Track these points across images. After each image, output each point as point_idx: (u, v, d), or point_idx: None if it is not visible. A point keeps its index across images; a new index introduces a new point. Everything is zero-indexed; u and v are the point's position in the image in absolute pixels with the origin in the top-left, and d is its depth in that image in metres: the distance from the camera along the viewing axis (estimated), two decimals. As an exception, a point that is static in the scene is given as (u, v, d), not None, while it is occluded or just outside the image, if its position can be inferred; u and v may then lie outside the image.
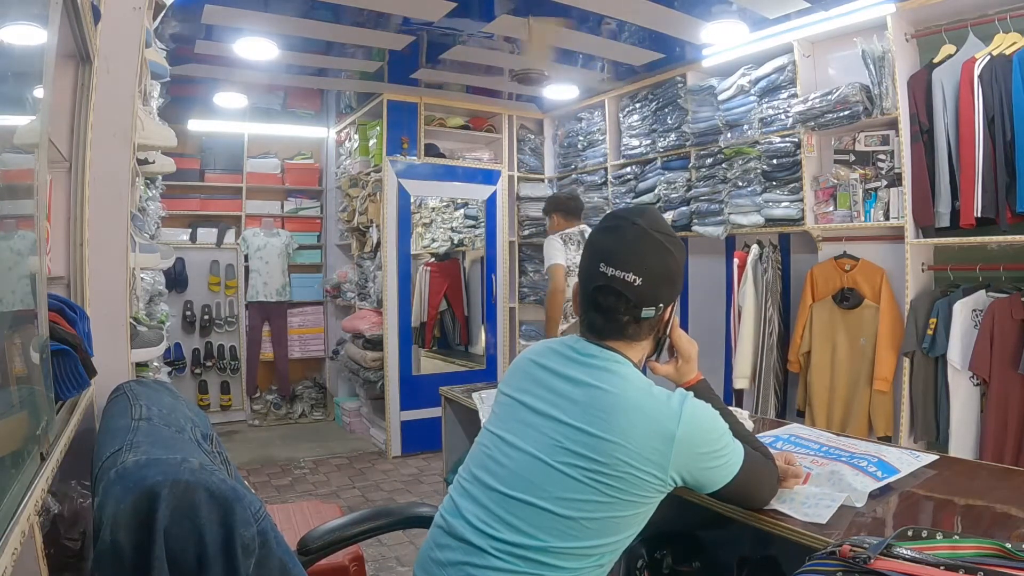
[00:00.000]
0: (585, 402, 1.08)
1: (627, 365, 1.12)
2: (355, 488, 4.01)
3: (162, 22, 2.72)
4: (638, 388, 1.08)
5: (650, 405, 1.06)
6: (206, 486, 0.91)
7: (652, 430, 1.03)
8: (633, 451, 1.02)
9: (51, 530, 1.25)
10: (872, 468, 1.31)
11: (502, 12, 3.28)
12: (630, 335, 1.13)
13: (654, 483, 1.04)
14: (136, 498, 0.87)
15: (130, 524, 0.87)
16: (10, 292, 0.94)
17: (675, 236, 1.16)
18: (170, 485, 0.89)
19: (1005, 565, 0.74)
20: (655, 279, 1.10)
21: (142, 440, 1.04)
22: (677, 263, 1.14)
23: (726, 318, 3.68)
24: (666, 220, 1.25)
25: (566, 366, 1.14)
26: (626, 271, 1.09)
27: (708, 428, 1.08)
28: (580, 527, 1.04)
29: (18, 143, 1.00)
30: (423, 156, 4.71)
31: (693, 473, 1.07)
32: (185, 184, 5.20)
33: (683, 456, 1.04)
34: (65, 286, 1.64)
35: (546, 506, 1.04)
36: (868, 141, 3.03)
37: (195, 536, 0.89)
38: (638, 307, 1.10)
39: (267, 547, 0.95)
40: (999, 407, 2.49)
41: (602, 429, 1.04)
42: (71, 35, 1.45)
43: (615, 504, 1.04)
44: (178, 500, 0.89)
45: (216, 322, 5.44)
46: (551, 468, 1.05)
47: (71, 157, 1.64)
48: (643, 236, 1.11)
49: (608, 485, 1.03)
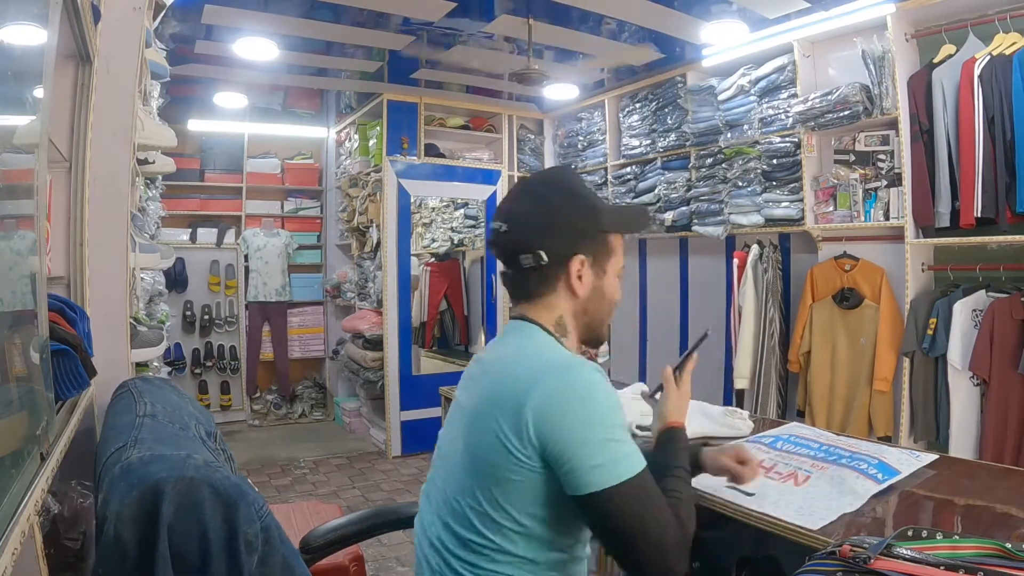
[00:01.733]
0: (480, 380, 1.06)
1: (529, 330, 1.07)
2: (355, 488, 4.01)
3: (162, 22, 2.72)
4: (527, 351, 1.02)
5: (528, 364, 0.98)
6: (210, 482, 0.91)
7: (518, 388, 0.95)
8: (500, 415, 0.95)
9: (51, 530, 1.25)
10: (873, 471, 1.31)
11: (502, 12, 3.28)
12: (526, 291, 1.08)
13: (521, 456, 0.93)
14: (140, 494, 0.87)
15: (134, 520, 0.86)
16: (10, 292, 0.94)
17: (566, 187, 1.09)
18: (174, 481, 0.89)
19: (1005, 565, 0.74)
20: (523, 225, 1.06)
21: (146, 436, 1.04)
22: (557, 208, 1.05)
23: (726, 318, 3.68)
24: (572, 176, 1.13)
25: (487, 351, 1.14)
26: (498, 220, 1.08)
27: (591, 399, 0.94)
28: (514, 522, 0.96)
29: (18, 143, 1.00)
30: (423, 156, 4.71)
31: (554, 438, 0.91)
32: (185, 184, 5.20)
33: (540, 415, 0.92)
34: (65, 286, 1.64)
35: (476, 503, 0.98)
36: (868, 141, 3.03)
37: (199, 532, 0.89)
38: (513, 256, 1.06)
39: (270, 544, 0.95)
40: (999, 407, 2.48)
41: (480, 401, 1.00)
42: (71, 35, 1.45)
43: (520, 486, 0.95)
44: (182, 496, 0.88)
45: (216, 322, 5.44)
46: (466, 461, 1.00)
47: (71, 157, 1.64)
48: (521, 186, 1.12)
49: (498, 466, 0.95)
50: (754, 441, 1.56)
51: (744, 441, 1.56)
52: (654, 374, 4.36)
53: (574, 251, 1.06)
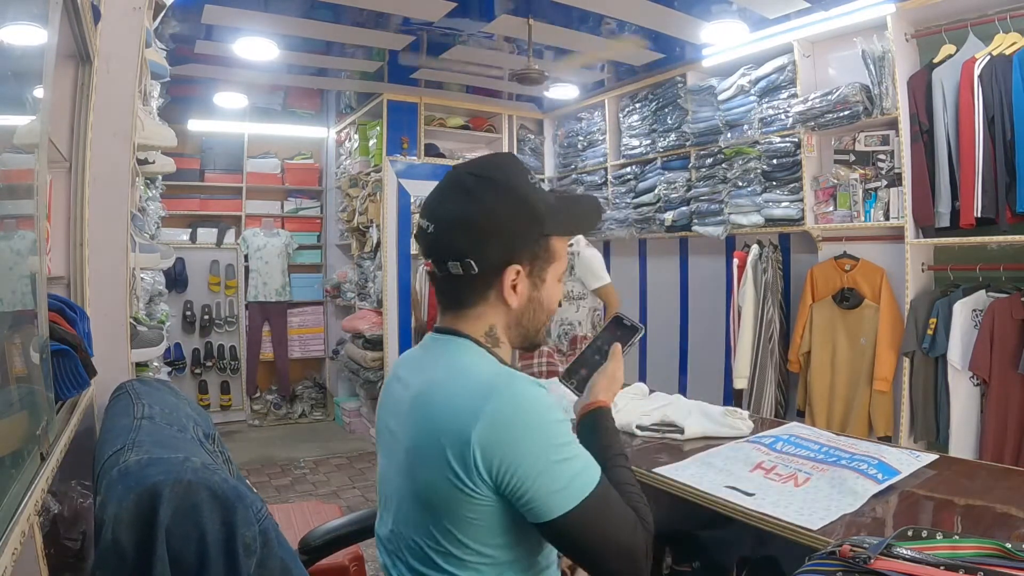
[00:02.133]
0: (413, 411, 0.93)
1: (457, 345, 0.96)
2: (355, 488, 4.01)
3: (162, 22, 2.72)
4: (459, 373, 0.92)
5: (464, 391, 0.88)
6: (208, 485, 0.91)
7: (458, 422, 0.86)
8: (433, 442, 0.87)
9: (51, 530, 1.25)
10: (873, 471, 1.31)
11: (502, 12, 3.28)
12: (456, 299, 0.98)
13: (460, 483, 0.85)
14: (138, 497, 0.87)
15: (132, 523, 0.86)
16: (10, 292, 0.94)
17: (502, 182, 0.94)
18: (172, 484, 0.89)
19: (1005, 565, 0.74)
20: (449, 227, 0.92)
21: (144, 439, 1.04)
22: (491, 213, 0.92)
23: (726, 318, 3.68)
24: (512, 170, 0.97)
25: (410, 370, 1.01)
26: (423, 218, 0.96)
27: (537, 421, 0.86)
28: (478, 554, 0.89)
29: (18, 143, 1.00)
30: (423, 156, 4.71)
31: (506, 469, 0.84)
32: (185, 184, 5.20)
33: (487, 446, 0.84)
34: (65, 286, 1.64)
35: (434, 542, 0.91)
36: (868, 141, 3.03)
37: (197, 535, 0.89)
38: (440, 261, 0.94)
39: (269, 547, 0.94)
40: (999, 407, 2.48)
41: (420, 438, 0.90)
42: (71, 35, 1.45)
43: (442, 515, 0.89)
44: (180, 499, 0.88)
45: (216, 322, 5.44)
46: (416, 503, 0.92)
47: (71, 157, 1.64)
48: (451, 180, 0.96)
49: (451, 505, 0.87)
50: (754, 441, 1.56)
51: (744, 441, 1.57)
52: (654, 374, 4.37)
53: (509, 260, 0.94)
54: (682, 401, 1.84)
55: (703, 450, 1.51)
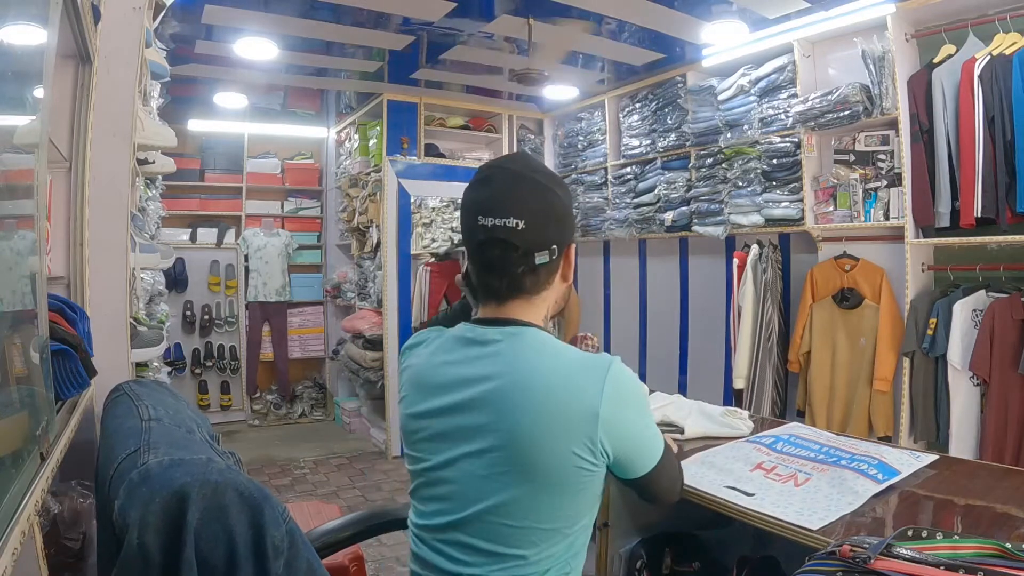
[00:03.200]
0: (503, 395, 0.98)
1: (531, 333, 1.03)
2: (355, 488, 4.01)
3: (162, 22, 2.72)
4: (551, 357, 1.00)
5: (566, 375, 0.98)
6: (235, 486, 0.89)
7: (574, 400, 0.96)
8: (556, 429, 0.95)
9: (51, 530, 1.25)
10: (873, 471, 1.31)
11: (502, 12, 3.28)
12: (528, 288, 1.04)
13: (585, 463, 0.97)
14: (165, 500, 0.85)
15: (159, 527, 0.84)
16: (10, 292, 0.93)
17: (554, 175, 1.08)
18: (199, 486, 0.86)
19: (1005, 565, 0.74)
20: (539, 220, 1.00)
21: (159, 441, 1.02)
22: (561, 200, 1.05)
23: (726, 318, 3.68)
24: (541, 161, 1.15)
25: (470, 361, 1.03)
26: (506, 217, 0.98)
27: (635, 395, 1.02)
28: (534, 530, 0.98)
29: (18, 143, 1.00)
30: (423, 156, 4.71)
31: (623, 446, 0.99)
32: (185, 184, 5.20)
33: (609, 426, 0.96)
34: (65, 286, 1.64)
35: (495, 519, 0.98)
36: (868, 141, 3.03)
37: (225, 537, 0.87)
38: (529, 254, 1.00)
39: (295, 547, 0.93)
40: (999, 407, 2.48)
41: (520, 416, 0.96)
42: (71, 35, 1.45)
43: (557, 496, 0.98)
44: (208, 501, 0.86)
45: (216, 322, 5.44)
46: (486, 478, 0.98)
47: (71, 157, 1.64)
48: (517, 179, 1.02)
49: (541, 476, 0.96)
50: (754, 441, 1.56)
51: (744, 441, 1.56)
52: (654, 374, 4.37)
53: (571, 239, 1.08)
54: (682, 401, 1.84)
55: (703, 450, 1.51)
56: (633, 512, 1.56)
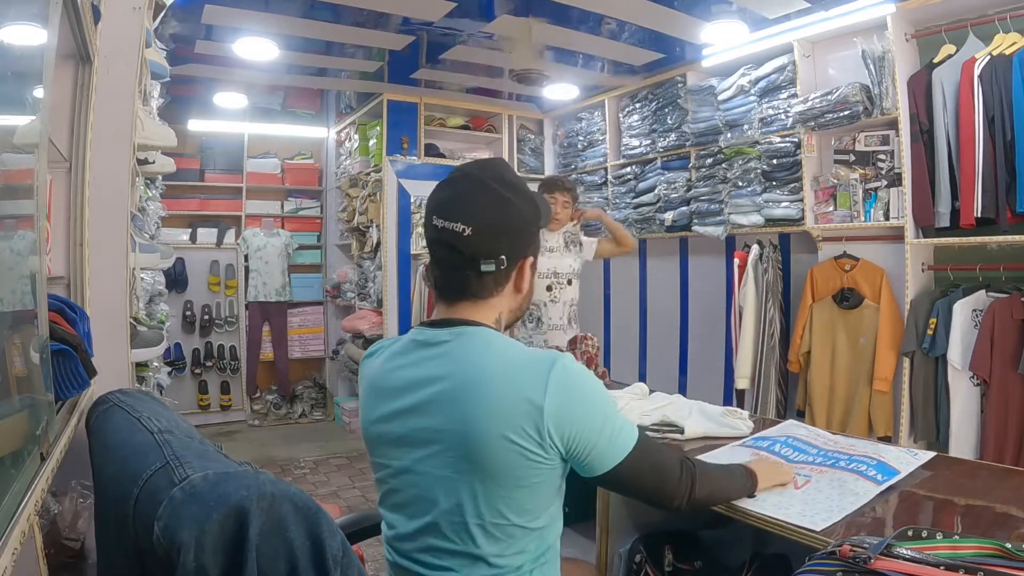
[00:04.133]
0: (459, 399, 0.99)
1: (479, 332, 1.03)
2: (355, 488, 4.01)
3: (162, 22, 2.72)
4: (498, 354, 1.00)
5: (512, 371, 0.98)
6: (291, 498, 0.85)
7: (520, 394, 0.95)
8: (504, 424, 0.95)
9: (51, 530, 1.25)
10: (872, 472, 1.31)
11: (502, 12, 3.28)
12: (475, 292, 1.04)
13: (536, 456, 0.96)
14: (222, 517, 0.81)
15: (217, 545, 0.80)
16: (10, 292, 0.93)
17: (520, 187, 1.07)
18: (256, 499, 0.82)
19: (1005, 565, 0.74)
20: (488, 230, 1.01)
21: (186, 455, 0.95)
22: (518, 213, 1.03)
23: (726, 318, 3.68)
24: (514, 172, 1.12)
25: (420, 363, 1.05)
26: (455, 221, 1.00)
27: (583, 386, 0.99)
28: (501, 527, 0.99)
29: (18, 143, 1.00)
30: (423, 156, 4.71)
31: (575, 437, 0.97)
32: (185, 184, 5.20)
33: (556, 418, 0.95)
34: (65, 286, 1.64)
35: (460, 518, 0.99)
36: (868, 141, 3.03)
37: (286, 551, 0.84)
38: (474, 260, 1.01)
39: (348, 555, 0.90)
40: (999, 407, 2.48)
41: (469, 414, 0.97)
42: (71, 35, 1.45)
43: (515, 491, 0.98)
44: (266, 515, 0.82)
45: (216, 322, 5.44)
46: (446, 479, 0.99)
47: (71, 157, 1.64)
48: (476, 185, 1.04)
49: (495, 472, 0.96)
50: (751, 444, 1.56)
51: (741, 445, 1.56)
52: (654, 374, 4.37)
53: (526, 252, 1.07)
54: (682, 401, 1.84)
55: (703, 450, 1.51)
56: (632, 512, 1.56)
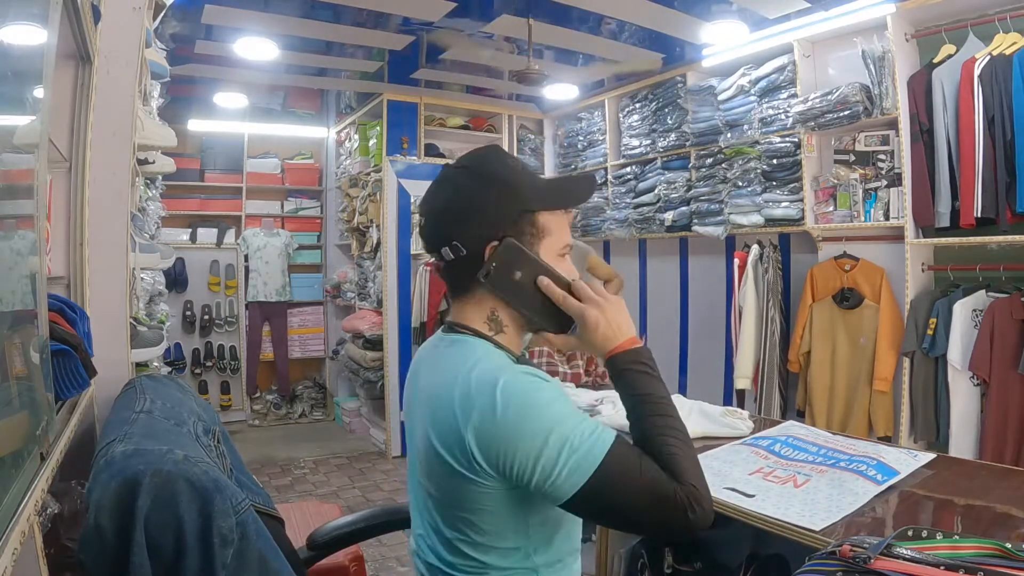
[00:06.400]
0: (420, 414, 0.98)
1: (468, 344, 0.98)
2: (355, 488, 4.01)
3: (162, 22, 2.72)
4: (466, 371, 0.92)
5: (464, 390, 0.90)
6: (187, 476, 0.96)
7: (452, 418, 0.89)
8: (442, 443, 0.90)
9: (51, 530, 1.25)
10: (872, 472, 1.31)
11: (502, 12, 3.28)
12: (454, 286, 1.02)
13: (473, 479, 0.89)
14: (119, 485, 0.93)
15: (113, 510, 0.92)
16: (10, 292, 0.93)
17: (475, 167, 0.99)
18: (151, 474, 0.94)
19: (1005, 565, 0.74)
20: (436, 217, 0.99)
21: (136, 432, 1.09)
22: (464, 194, 0.96)
23: (726, 318, 3.68)
24: (493, 158, 1.01)
25: (423, 370, 1.04)
26: (419, 214, 1.03)
27: (526, 408, 0.86)
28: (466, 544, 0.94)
29: (18, 143, 1.00)
30: (423, 156, 4.71)
31: (507, 465, 0.86)
32: (185, 184, 5.20)
33: (483, 442, 0.86)
34: (65, 286, 1.64)
35: (441, 530, 0.97)
36: (868, 141, 3.03)
37: (174, 524, 0.94)
38: (434, 250, 0.99)
39: (246, 539, 0.99)
40: (999, 407, 2.48)
41: (424, 431, 0.95)
42: (71, 35, 1.45)
43: (468, 514, 0.93)
44: (159, 489, 0.94)
45: (216, 322, 5.44)
46: (437, 504, 0.97)
47: (71, 157, 1.64)
48: (442, 175, 1.01)
49: (469, 499, 0.91)
50: (751, 444, 1.56)
51: (741, 444, 1.56)
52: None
53: (491, 237, 0.95)
54: (682, 401, 1.84)
55: (702, 451, 1.51)
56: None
